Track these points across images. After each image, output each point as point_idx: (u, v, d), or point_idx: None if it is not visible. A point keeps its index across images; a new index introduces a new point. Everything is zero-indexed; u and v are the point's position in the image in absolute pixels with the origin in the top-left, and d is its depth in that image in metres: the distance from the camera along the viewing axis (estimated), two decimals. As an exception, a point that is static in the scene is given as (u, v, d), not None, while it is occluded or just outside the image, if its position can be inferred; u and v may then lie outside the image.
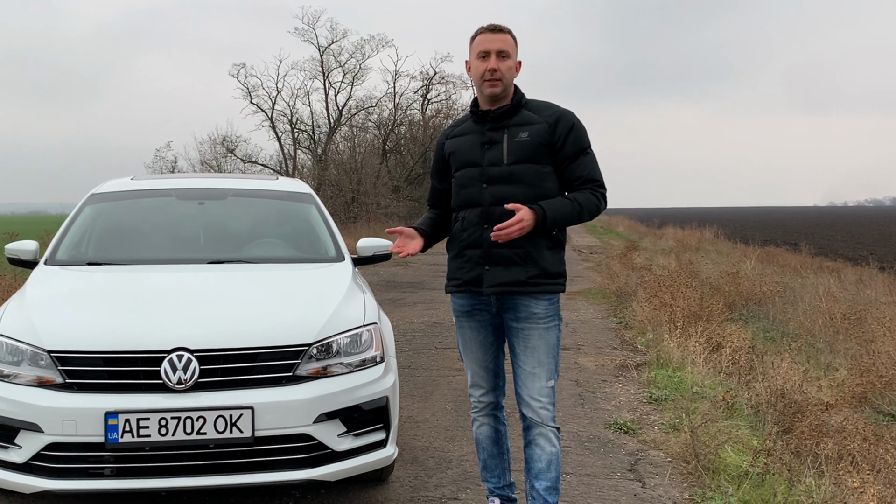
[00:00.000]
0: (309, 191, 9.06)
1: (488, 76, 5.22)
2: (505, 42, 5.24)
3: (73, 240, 7.72)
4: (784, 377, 8.83)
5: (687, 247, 38.24)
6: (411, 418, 8.79)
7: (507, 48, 5.23)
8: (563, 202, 5.19)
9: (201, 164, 58.16)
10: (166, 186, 8.93)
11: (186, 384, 5.39)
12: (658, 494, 6.63)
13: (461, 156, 5.44)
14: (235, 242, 8.09)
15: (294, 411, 5.53)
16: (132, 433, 5.26)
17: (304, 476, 5.59)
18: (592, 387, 10.36)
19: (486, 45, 5.24)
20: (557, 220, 5.14)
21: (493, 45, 5.22)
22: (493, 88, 5.25)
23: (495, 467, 5.80)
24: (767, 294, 17.40)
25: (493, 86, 5.24)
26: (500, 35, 5.24)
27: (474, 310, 5.51)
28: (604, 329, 15.25)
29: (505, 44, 5.23)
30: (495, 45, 5.22)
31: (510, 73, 5.28)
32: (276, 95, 62.09)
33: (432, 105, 65.80)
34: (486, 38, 5.26)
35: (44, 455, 5.37)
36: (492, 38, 5.24)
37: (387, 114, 64.77)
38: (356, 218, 51.20)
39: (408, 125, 65.94)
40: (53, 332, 5.66)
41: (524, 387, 5.35)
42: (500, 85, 5.24)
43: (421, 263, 31.06)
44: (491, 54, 5.21)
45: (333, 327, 5.98)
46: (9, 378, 5.57)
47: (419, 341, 13.88)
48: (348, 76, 63.07)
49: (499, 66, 5.20)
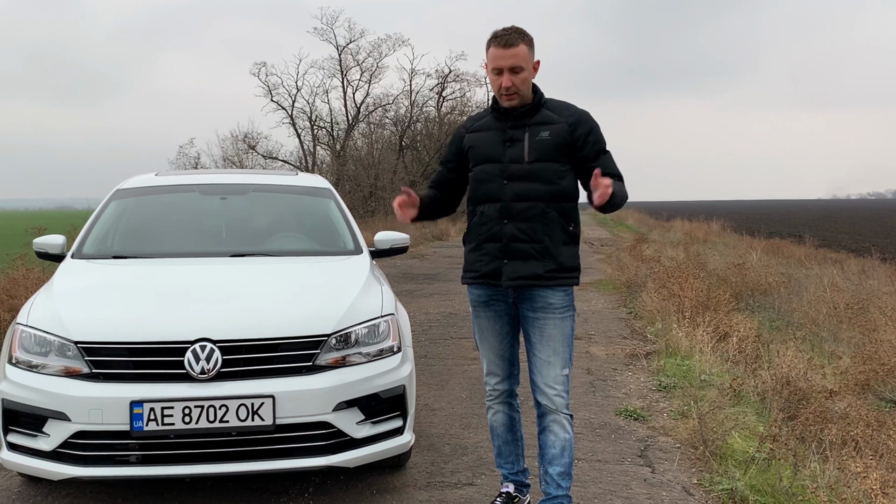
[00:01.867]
0: (328, 186, 9.07)
1: (504, 92, 5.22)
2: (517, 57, 5.17)
3: (99, 234, 7.72)
4: (789, 365, 8.80)
5: (695, 239, 38.20)
6: (428, 406, 8.79)
7: (519, 63, 5.18)
8: (619, 185, 5.17)
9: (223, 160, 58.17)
10: (190, 182, 8.93)
11: (209, 374, 5.40)
12: (667, 479, 6.61)
13: (481, 151, 5.43)
14: (257, 236, 8.10)
15: (314, 400, 5.53)
16: (157, 421, 5.26)
17: (323, 463, 5.59)
18: (603, 375, 10.35)
19: (498, 62, 5.20)
20: (616, 198, 5.10)
21: (506, 62, 5.17)
22: (510, 102, 5.26)
23: (509, 453, 5.80)
24: (773, 284, 17.36)
25: (510, 100, 5.25)
26: (511, 50, 5.17)
27: (491, 300, 5.50)
28: (614, 319, 15.23)
29: (517, 59, 5.18)
30: (508, 62, 5.17)
31: (525, 85, 5.25)
32: (295, 93, 62.11)
33: (447, 102, 65.92)
34: (498, 55, 5.20)
35: (71, 443, 5.38)
36: (504, 54, 5.18)
37: (403, 111, 64.90)
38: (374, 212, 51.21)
39: (423, 122, 65.93)
40: (80, 324, 5.67)
41: (539, 375, 5.35)
42: (516, 98, 5.24)
43: (437, 256, 31.06)
44: (504, 71, 5.19)
45: (352, 318, 5.98)
46: (37, 368, 5.59)
47: (435, 331, 13.87)
48: (366, 74, 63.07)
49: (513, 81, 5.18)
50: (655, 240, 39.59)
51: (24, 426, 5.58)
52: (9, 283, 12.44)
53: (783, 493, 6.01)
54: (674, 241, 37.42)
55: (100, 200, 8.39)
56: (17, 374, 5.64)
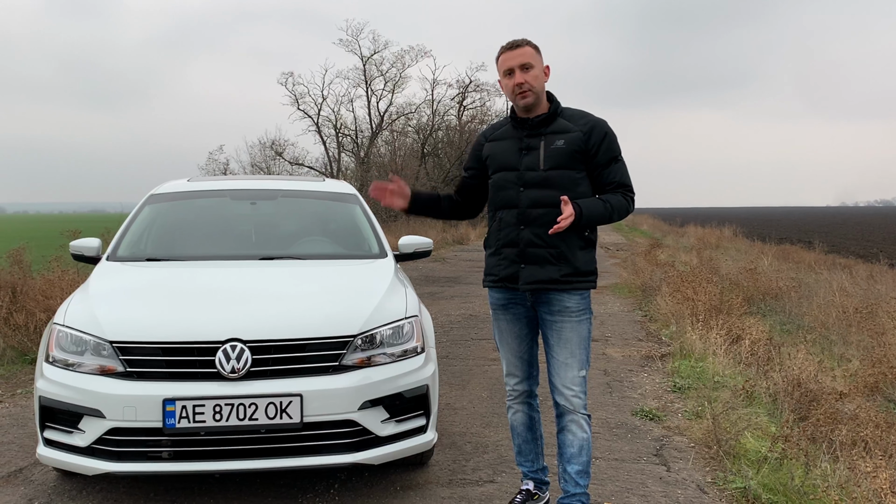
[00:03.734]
0: (353, 191, 9.07)
1: (518, 90, 5.24)
2: (524, 55, 5.23)
3: (133, 237, 7.74)
4: (800, 367, 8.77)
5: (707, 244, 38.14)
6: (450, 405, 8.77)
7: (528, 59, 5.23)
8: (596, 202, 5.19)
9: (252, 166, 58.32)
10: (220, 187, 8.94)
11: (239, 373, 5.40)
12: (682, 478, 6.59)
13: (499, 159, 5.44)
14: (285, 240, 8.10)
15: (340, 398, 5.52)
16: (188, 419, 5.27)
17: (349, 460, 5.58)
18: (620, 376, 10.33)
19: (508, 63, 5.25)
20: (592, 219, 5.14)
21: (515, 60, 5.22)
22: (525, 99, 5.26)
23: (529, 452, 5.79)
24: (784, 289, 17.28)
25: (525, 97, 5.25)
26: (518, 50, 5.24)
27: (510, 303, 5.51)
28: (630, 322, 15.19)
29: (525, 56, 5.23)
30: (516, 60, 5.22)
31: (538, 81, 5.27)
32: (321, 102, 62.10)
33: (468, 111, 65.77)
34: (507, 57, 5.27)
35: (105, 439, 5.39)
36: (512, 54, 5.25)
37: (425, 119, 64.82)
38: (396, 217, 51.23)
39: (445, 130, 65.86)
40: (115, 324, 5.68)
41: (557, 376, 5.34)
42: (530, 94, 5.24)
43: (457, 259, 31.08)
44: (515, 70, 5.23)
45: (377, 319, 5.97)
46: (73, 367, 5.61)
47: (456, 332, 13.86)
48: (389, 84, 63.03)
49: (525, 79, 5.21)
50: (669, 245, 39.49)
51: (60, 423, 5.60)
52: (45, 285, 12.47)
53: (795, 492, 5.99)
54: (687, 247, 37.35)
55: (131, 204, 8.41)
56: (54, 373, 5.66)
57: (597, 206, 5.18)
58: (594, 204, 5.18)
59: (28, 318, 11.52)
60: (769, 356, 10.26)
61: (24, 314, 11.58)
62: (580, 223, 5.07)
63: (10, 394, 9.39)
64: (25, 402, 8.98)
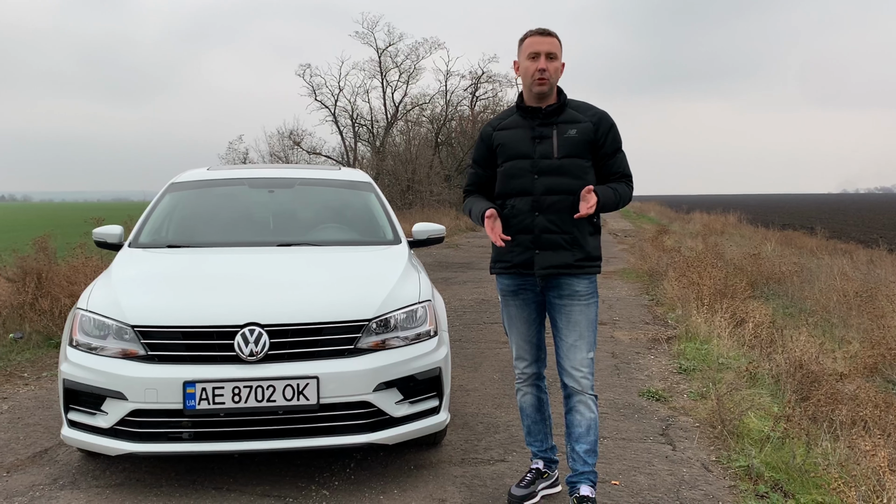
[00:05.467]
0: (369, 180, 9.07)
1: (538, 75, 5.22)
2: (553, 45, 5.23)
3: (154, 225, 7.76)
4: (802, 349, 8.74)
5: (713, 230, 38.07)
6: (462, 387, 8.77)
7: (554, 50, 5.23)
8: (608, 191, 5.21)
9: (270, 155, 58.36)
10: (239, 176, 8.93)
11: (258, 356, 5.41)
12: (687, 457, 6.58)
13: (510, 148, 5.41)
14: (302, 227, 8.11)
15: (355, 380, 5.53)
16: (208, 400, 5.29)
17: (364, 440, 5.60)
18: (627, 358, 10.31)
19: (535, 46, 5.23)
20: (606, 206, 5.17)
21: (543, 47, 5.21)
22: (541, 87, 5.24)
23: (538, 432, 5.79)
24: (786, 273, 17.26)
25: (542, 84, 5.23)
26: (548, 38, 5.24)
27: (520, 289, 5.50)
28: (637, 306, 15.18)
29: (553, 46, 5.23)
30: (545, 47, 5.21)
31: (556, 73, 5.27)
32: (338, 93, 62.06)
33: (480, 102, 65.65)
34: (535, 41, 5.25)
35: (128, 420, 5.42)
36: (541, 40, 5.23)
37: (439, 109, 64.71)
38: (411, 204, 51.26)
39: (458, 120, 65.81)
40: (137, 309, 5.69)
41: (566, 358, 5.33)
42: (547, 84, 5.23)
43: (470, 246, 31.07)
44: (541, 55, 5.21)
45: (391, 304, 5.97)
46: (96, 350, 5.63)
47: (468, 317, 13.85)
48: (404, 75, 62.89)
49: (547, 67, 5.19)
50: (676, 231, 39.45)
51: (84, 405, 5.62)
52: (69, 271, 12.48)
53: (796, 470, 5.98)
54: (693, 233, 37.27)
55: (152, 192, 8.41)
56: (78, 356, 5.68)
57: (609, 193, 5.19)
58: (606, 192, 5.19)
59: (53, 304, 11.56)
60: (772, 339, 10.25)
61: (49, 299, 11.61)
62: (597, 208, 5.08)
63: (36, 377, 9.42)
64: (50, 384, 9.00)
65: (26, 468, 6.34)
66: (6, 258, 13.91)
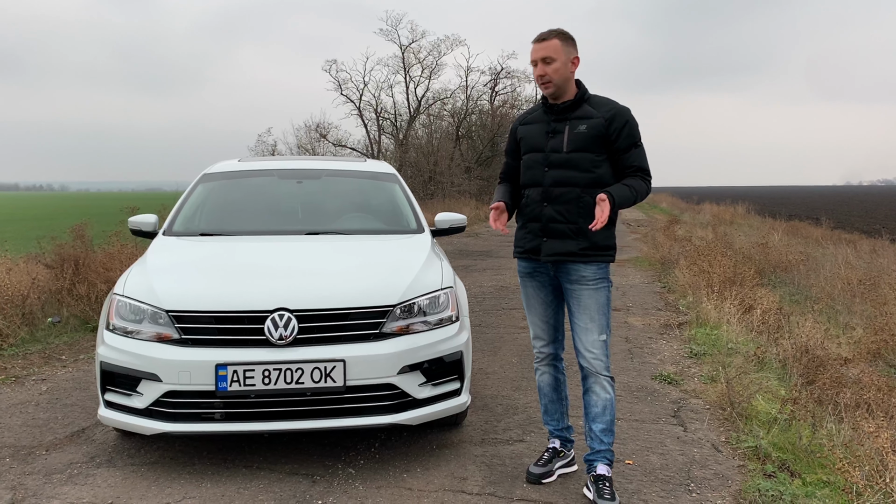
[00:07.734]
0: (393, 171, 9.06)
1: (539, 81, 5.31)
2: (548, 48, 5.24)
3: (187, 214, 7.77)
4: (808, 335, 8.73)
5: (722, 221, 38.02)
6: (482, 370, 8.75)
7: (550, 53, 5.23)
8: (623, 189, 5.18)
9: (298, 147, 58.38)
10: (269, 167, 8.95)
11: (287, 340, 5.41)
12: (698, 437, 6.57)
13: (529, 141, 5.48)
14: (329, 216, 8.08)
15: (381, 364, 5.52)
16: (239, 382, 5.29)
17: (389, 420, 5.59)
18: (640, 343, 10.30)
19: (533, 54, 5.30)
20: (622, 205, 5.15)
21: (539, 53, 5.26)
22: (546, 89, 5.33)
23: (555, 411, 5.80)
24: (793, 262, 17.21)
25: (546, 87, 5.32)
26: (543, 44, 5.26)
27: (535, 272, 5.54)
28: (650, 293, 15.15)
29: (548, 50, 5.24)
30: (540, 53, 5.25)
31: (558, 74, 5.26)
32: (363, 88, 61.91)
33: (499, 97, 65.57)
34: (533, 49, 5.31)
35: (162, 401, 5.44)
36: (537, 47, 5.28)
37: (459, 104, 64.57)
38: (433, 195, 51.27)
39: (478, 114, 65.66)
40: (171, 294, 5.70)
41: (580, 340, 5.35)
42: (550, 86, 5.29)
43: (489, 235, 31.06)
44: (539, 62, 5.27)
45: (415, 290, 5.96)
46: (132, 334, 5.64)
47: (488, 303, 13.85)
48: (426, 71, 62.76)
49: (545, 71, 5.24)
50: (687, 221, 39.36)
51: (120, 386, 5.63)
52: (106, 258, 12.54)
53: (803, 451, 5.99)
54: (703, 223, 37.19)
55: (185, 182, 8.43)
56: (114, 340, 5.69)
57: (624, 192, 5.17)
58: (622, 190, 5.16)
59: (90, 289, 11.63)
60: (779, 324, 10.22)
61: (86, 285, 11.69)
62: (613, 209, 5.07)
63: (74, 359, 9.45)
64: (87, 367, 9.04)
65: (64, 447, 6.37)
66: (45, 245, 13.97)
